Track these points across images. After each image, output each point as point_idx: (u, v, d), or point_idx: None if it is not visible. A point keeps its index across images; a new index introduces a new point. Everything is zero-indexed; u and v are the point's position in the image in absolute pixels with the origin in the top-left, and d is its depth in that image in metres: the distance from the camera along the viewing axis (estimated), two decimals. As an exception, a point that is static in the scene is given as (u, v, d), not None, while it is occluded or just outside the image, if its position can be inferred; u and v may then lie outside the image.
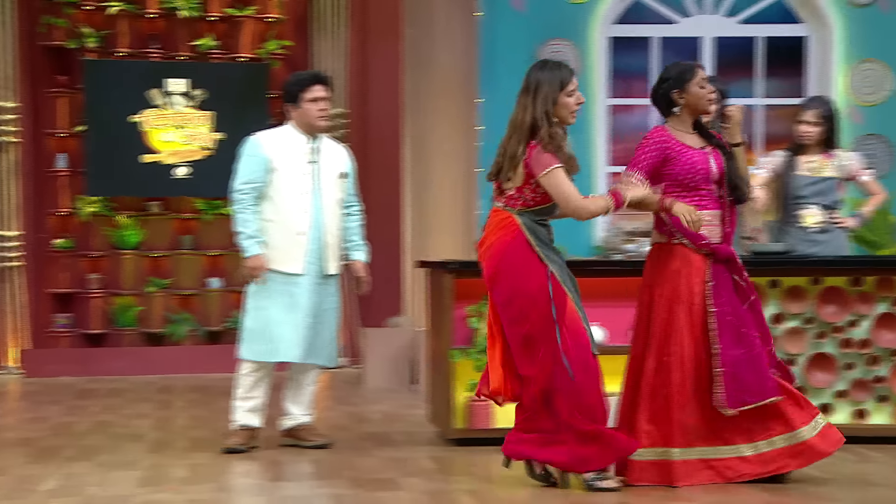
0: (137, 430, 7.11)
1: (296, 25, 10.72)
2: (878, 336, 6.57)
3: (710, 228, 5.44)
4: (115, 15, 10.38)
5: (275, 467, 5.88)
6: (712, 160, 5.49)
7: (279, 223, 6.28)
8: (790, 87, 10.54)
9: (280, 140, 6.38)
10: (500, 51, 10.12)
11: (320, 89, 6.36)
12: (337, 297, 6.51)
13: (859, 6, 10.36)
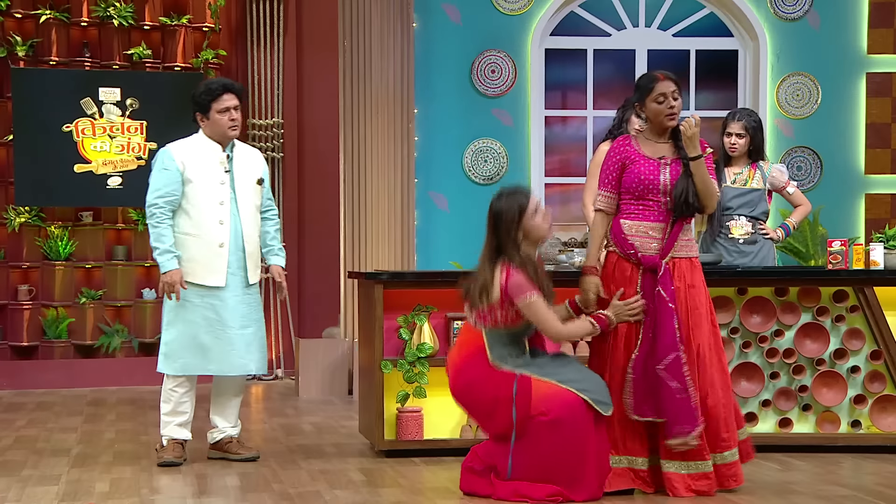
0: (63, 444, 7.02)
1: (231, 35, 10.68)
2: (801, 346, 6.64)
3: (654, 240, 5.47)
4: (45, 23, 10.28)
5: (200, 480, 5.82)
6: (666, 172, 5.49)
7: (198, 236, 6.22)
8: (722, 100, 10.62)
9: (193, 150, 6.30)
10: (436, 62, 10.12)
11: (230, 98, 6.30)
12: (260, 304, 6.48)
13: (789, 21, 10.46)
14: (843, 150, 10.54)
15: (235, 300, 6.25)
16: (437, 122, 10.09)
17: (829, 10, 10.49)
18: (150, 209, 6.21)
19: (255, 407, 8.85)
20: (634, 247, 5.46)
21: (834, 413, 6.68)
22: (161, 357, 6.28)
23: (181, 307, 6.20)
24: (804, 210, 7.61)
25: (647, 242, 5.47)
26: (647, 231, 5.48)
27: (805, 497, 5.43)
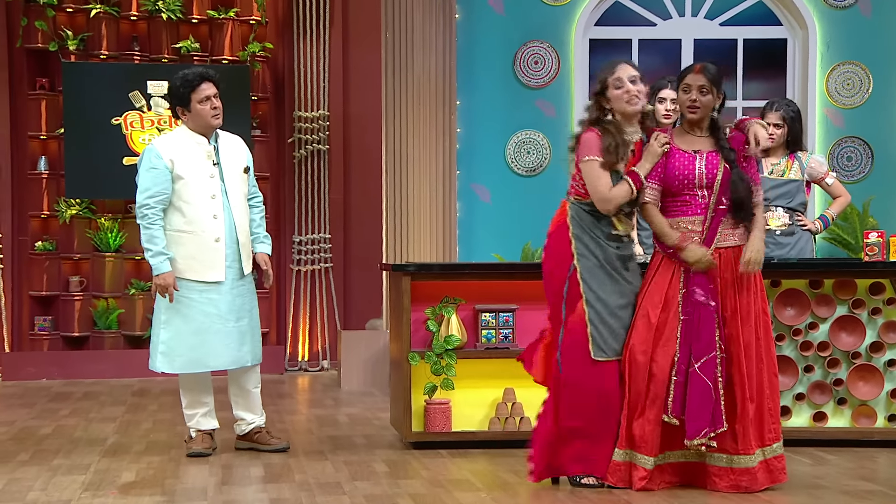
0: (100, 433, 7.08)
1: (278, 28, 10.70)
2: (836, 339, 6.53)
3: (695, 234, 5.37)
4: (96, 17, 10.37)
5: (225, 471, 5.84)
6: (702, 164, 5.37)
7: (193, 233, 6.16)
8: (771, 90, 10.48)
9: (179, 146, 6.21)
10: (478, 53, 10.11)
11: (209, 87, 6.20)
12: (254, 294, 6.42)
13: (839, 9, 10.29)
14: (894, 141, 10.35)
15: (232, 293, 6.22)
16: (479, 114, 10.06)
17: (881, -3, 10.31)
18: (140, 209, 6.13)
19: (296, 398, 8.88)
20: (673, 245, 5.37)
21: (870, 407, 6.56)
22: (159, 356, 6.21)
23: (179, 304, 6.14)
24: (843, 201, 7.49)
25: (689, 238, 5.36)
26: (687, 226, 5.38)
27: (830, 492, 5.33)
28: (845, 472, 5.79)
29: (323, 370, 10.46)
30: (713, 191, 5.34)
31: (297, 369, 10.40)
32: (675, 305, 5.33)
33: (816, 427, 6.54)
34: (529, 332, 6.41)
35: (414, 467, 5.90)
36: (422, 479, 5.61)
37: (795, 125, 7.30)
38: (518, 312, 6.48)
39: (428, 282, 6.46)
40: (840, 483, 5.53)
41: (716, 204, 5.34)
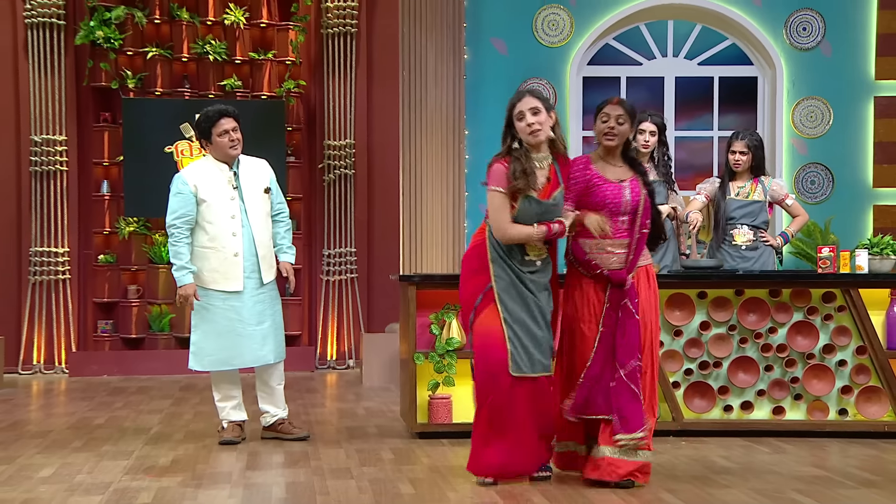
0: (146, 423, 7.08)
1: (310, 68, 10.72)
2: (793, 341, 6.48)
3: (613, 255, 5.11)
4: (152, 59, 10.42)
5: (251, 457, 5.82)
6: (627, 192, 5.12)
7: (215, 248, 6.19)
8: (743, 122, 10.42)
9: (203, 173, 6.26)
10: (484, 89, 10.08)
11: (227, 121, 6.22)
12: (277, 298, 6.40)
13: (803, 50, 10.23)
14: (852, 166, 10.30)
15: (252, 300, 6.22)
16: (485, 142, 9.98)
17: (840, 40, 10.25)
18: (169, 229, 6.19)
19: (322, 393, 8.86)
20: (600, 265, 5.09)
21: (823, 402, 6.50)
22: (191, 356, 6.27)
23: (206, 311, 6.19)
24: (802, 220, 7.44)
25: (607, 259, 5.10)
26: (606, 248, 5.10)
27: (782, 477, 5.27)
28: (799, 460, 5.73)
29: (348, 368, 10.45)
30: (636, 216, 5.11)
31: (326, 367, 10.39)
32: (598, 318, 5.08)
33: (775, 420, 6.48)
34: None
35: (417, 455, 5.86)
36: (422, 465, 5.58)
37: (759, 152, 7.25)
38: (511, 318, 6.44)
39: (431, 290, 6.43)
40: (792, 469, 5.47)
41: (640, 228, 5.12)
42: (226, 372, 6.26)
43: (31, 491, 5.01)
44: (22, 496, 4.91)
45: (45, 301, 10.23)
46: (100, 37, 10.22)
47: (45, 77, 10.22)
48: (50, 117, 10.23)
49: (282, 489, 5.02)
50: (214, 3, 10.53)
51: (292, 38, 10.55)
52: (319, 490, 4.96)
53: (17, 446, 6.22)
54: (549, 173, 5.06)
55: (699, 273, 6.57)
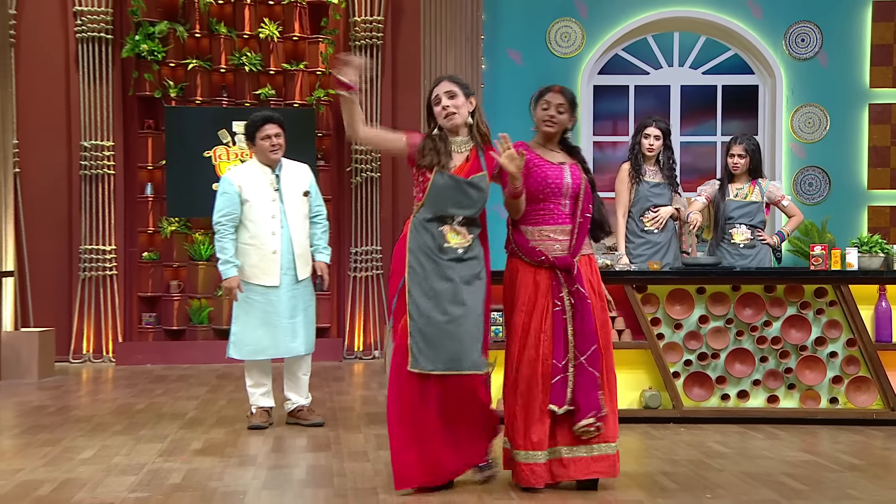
0: (182, 409, 7.11)
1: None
2: (787, 334, 6.43)
3: (556, 242, 4.66)
4: (192, 70, 10.46)
5: (276, 441, 5.85)
6: (568, 174, 4.67)
7: (255, 245, 6.23)
8: (745, 127, 10.35)
9: (247, 175, 6.29)
10: (500, 97, 10.06)
11: (271, 127, 6.26)
12: (312, 294, 6.41)
13: (802, 60, 10.15)
14: (848, 169, 10.21)
15: (287, 295, 6.25)
16: (501, 147, 10.01)
17: (837, 51, 10.17)
18: (215, 226, 6.24)
19: (348, 382, 8.86)
20: (543, 252, 4.64)
21: (815, 391, 6.45)
22: (230, 345, 6.32)
23: (246, 304, 6.23)
24: (797, 220, 7.38)
25: (550, 245, 4.65)
26: (549, 234, 4.66)
27: (772, 461, 5.25)
28: (790, 446, 5.69)
29: (374, 358, 10.45)
30: (577, 201, 4.68)
31: (353, 358, 10.40)
32: (546, 307, 4.61)
33: (770, 408, 6.44)
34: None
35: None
36: (436, 448, 5.57)
37: (756, 156, 7.21)
38: (521, 311, 6.43)
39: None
40: (784, 454, 5.44)
41: (582, 212, 4.68)
42: (259, 361, 6.30)
43: (72, 471, 5.05)
44: (63, 476, 4.95)
45: (93, 295, 10.29)
46: (144, 50, 10.27)
47: (94, 87, 10.28)
48: (98, 124, 10.29)
49: (302, 471, 5.03)
50: (250, 18, 10.56)
51: (322, 50, 10.56)
52: (337, 472, 4.98)
53: (62, 429, 6.27)
54: (470, 155, 4.65)
55: (698, 270, 6.54)
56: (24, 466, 5.18)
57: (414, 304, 4.50)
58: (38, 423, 6.51)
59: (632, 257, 7.18)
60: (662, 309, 6.45)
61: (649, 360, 6.46)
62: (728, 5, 10.19)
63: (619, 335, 6.46)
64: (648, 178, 7.25)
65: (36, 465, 5.22)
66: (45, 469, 5.11)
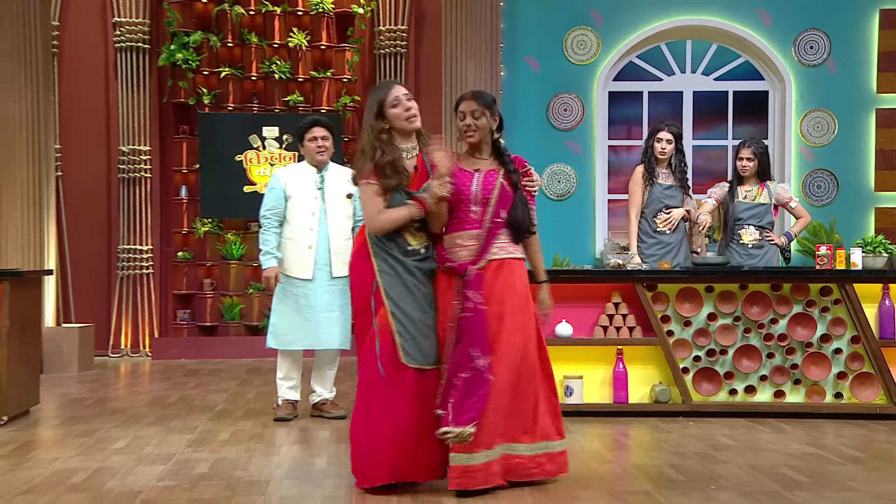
0: (213, 401, 7.12)
1: (364, 84, 10.74)
2: (793, 331, 6.37)
3: (464, 248, 4.44)
4: (225, 78, 10.50)
5: (301, 433, 5.85)
6: (478, 182, 4.45)
7: (293, 240, 6.26)
8: (756, 132, 10.26)
9: (294, 174, 6.35)
10: (519, 102, 10.04)
11: (317, 130, 6.31)
12: (345, 292, 6.19)
13: (810, 67, 10.06)
14: (855, 172, 10.11)
15: (322, 290, 6.24)
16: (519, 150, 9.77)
17: (844, 57, 10.07)
18: (261, 220, 6.30)
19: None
20: (450, 259, 4.44)
21: (820, 386, 6.39)
22: (269, 335, 6.34)
23: (283, 295, 6.27)
24: (804, 221, 7.32)
25: (458, 252, 4.43)
26: (456, 241, 4.44)
27: (776, 454, 5.19)
28: (796, 439, 5.63)
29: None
30: (488, 206, 4.42)
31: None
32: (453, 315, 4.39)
33: (777, 402, 6.38)
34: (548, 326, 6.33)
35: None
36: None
37: (764, 159, 7.15)
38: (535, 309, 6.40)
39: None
40: (788, 447, 5.38)
41: (492, 217, 4.43)
42: (290, 354, 6.32)
43: (105, 460, 5.07)
44: (96, 464, 4.98)
45: (131, 293, 10.35)
46: (179, 59, 10.32)
47: (131, 94, 10.34)
48: (136, 130, 10.35)
49: (324, 461, 5.03)
50: (280, 28, 10.59)
51: (348, 58, 10.58)
52: (356, 462, 4.97)
53: (98, 420, 6.31)
54: (417, 163, 4.53)
55: (707, 269, 6.49)
56: (61, 455, 5.21)
57: (395, 305, 4.38)
58: (75, 415, 6.55)
59: (644, 257, 7.14)
60: (672, 307, 6.41)
61: (659, 356, 6.42)
62: (739, 14, 10.11)
63: (631, 332, 6.42)
64: (661, 181, 7.20)
65: (71, 454, 5.25)
66: (79, 458, 5.14)
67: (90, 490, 4.47)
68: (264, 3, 10.53)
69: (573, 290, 6.44)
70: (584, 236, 10.06)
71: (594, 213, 10.09)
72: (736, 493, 4.36)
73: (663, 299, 6.42)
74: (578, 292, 6.46)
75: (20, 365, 6.40)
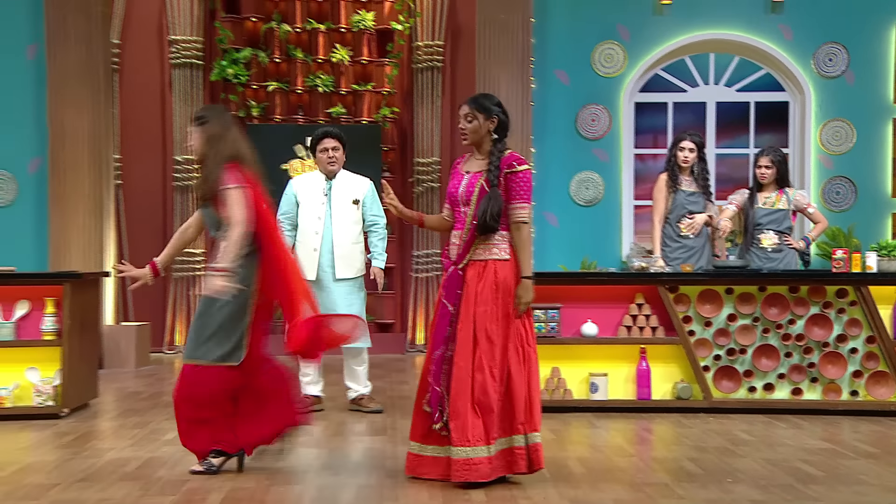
0: (258, 395, 7.17)
1: (402, 97, 10.76)
2: (810, 331, 6.30)
3: (455, 247, 4.44)
4: (272, 91, 10.57)
5: (337, 426, 5.87)
6: (464, 184, 4.43)
7: (301, 242, 6.33)
8: (777, 141, 10.14)
9: (306, 181, 6.43)
10: (549, 113, 10.00)
11: (328, 141, 6.34)
12: (354, 294, 6.34)
13: (829, 78, 9.94)
14: (873, 179, 9.95)
15: (328, 290, 6.27)
16: (549, 158, 9.97)
17: (862, 69, 9.93)
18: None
19: (410, 373, 8.85)
20: (446, 254, 4.49)
21: (837, 384, 6.31)
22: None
23: None
24: (822, 226, 7.24)
25: (453, 249, 4.44)
26: (451, 240, 4.47)
27: (792, 448, 5.14)
28: (812, 435, 5.57)
29: (435, 351, 10.44)
30: (470, 207, 4.39)
31: (415, 351, 10.42)
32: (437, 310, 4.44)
33: (794, 399, 6.31)
34: (571, 324, 6.33)
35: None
36: (483, 434, 5.54)
37: (782, 167, 7.08)
38: (562, 310, 6.39)
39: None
40: (804, 442, 5.32)
41: (472, 219, 4.37)
42: None
43: (155, 451, 5.12)
44: (146, 455, 5.03)
45: (184, 293, 10.45)
46: (230, 74, 10.41)
47: (185, 107, 10.43)
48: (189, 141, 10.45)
49: (359, 454, 5.05)
50: (324, 44, 10.64)
51: (388, 72, 10.61)
52: (390, 455, 4.98)
53: (151, 413, 6.37)
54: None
55: (726, 272, 6.43)
56: (116, 445, 5.27)
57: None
58: (131, 408, 6.62)
59: (668, 260, 7.10)
60: (693, 308, 6.36)
61: (681, 355, 6.37)
62: (761, 28, 10.01)
63: (653, 332, 6.38)
64: (684, 188, 7.17)
65: (125, 444, 5.31)
66: (132, 448, 5.19)
67: (141, 478, 4.52)
68: (310, 20, 10.60)
69: (599, 291, 6.42)
70: (611, 240, 10.01)
71: (621, 218, 10.04)
72: (752, 486, 4.32)
73: (685, 300, 6.38)
74: (604, 293, 6.43)
75: (80, 360, 6.49)
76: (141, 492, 4.27)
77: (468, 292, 4.33)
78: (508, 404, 4.29)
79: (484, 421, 4.23)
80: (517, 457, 4.32)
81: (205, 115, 4.70)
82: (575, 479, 4.45)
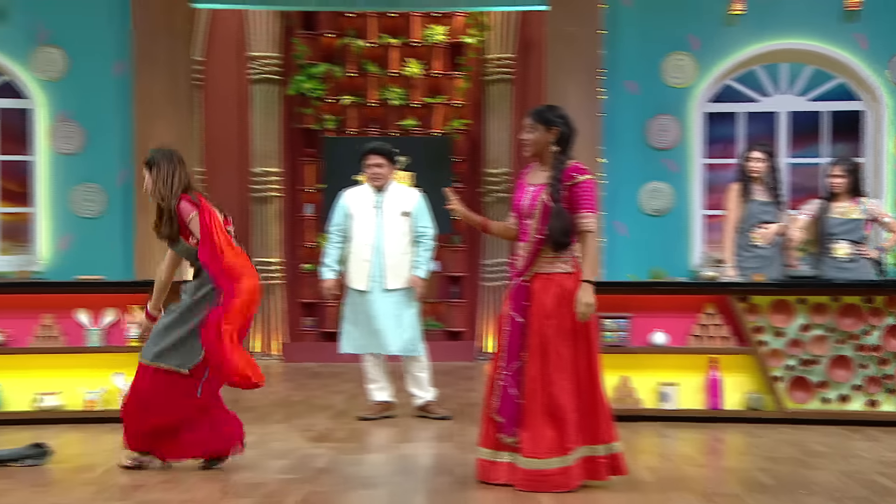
0: (332, 402, 7.20)
1: (474, 109, 10.75)
2: (887, 342, 6.13)
3: (520, 258, 4.43)
4: (346, 105, 10.66)
5: (405, 432, 5.88)
6: (528, 196, 4.40)
7: (353, 253, 6.39)
8: (850, 151, 9.88)
9: (358, 195, 6.50)
10: (619, 123, 9.87)
11: (373, 158, 6.41)
12: (404, 303, 6.39)
13: (905, 85, 9.67)
14: (950, 188, 9.64)
15: (378, 300, 6.32)
16: (619, 168, 9.84)
17: (939, 75, 9.63)
18: (328, 235, 6.48)
19: (478, 380, 8.78)
20: (513, 265, 4.49)
21: (914, 397, 6.11)
22: (342, 341, 6.52)
23: (350, 305, 6.42)
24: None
25: (519, 261, 4.44)
26: (517, 251, 4.46)
27: (868, 461, 4.99)
28: (889, 447, 5.41)
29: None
30: (534, 220, 4.36)
31: (484, 359, 10.36)
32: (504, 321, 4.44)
33: (871, 411, 6.12)
34: (641, 334, 6.24)
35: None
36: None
37: (855, 176, 6.92)
38: (632, 319, 6.30)
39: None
40: (881, 455, 5.17)
41: (535, 232, 4.36)
42: (370, 360, 6.42)
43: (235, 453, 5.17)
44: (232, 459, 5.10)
45: (263, 301, 10.52)
46: (306, 88, 10.52)
47: (264, 121, 10.58)
48: (267, 153, 10.59)
49: (428, 459, 5.05)
50: (396, 58, 10.70)
51: (459, 85, 10.62)
52: (459, 462, 4.96)
53: (229, 417, 6.44)
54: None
55: (797, 281, 6.28)
56: (195, 448, 5.33)
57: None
58: (210, 412, 6.69)
59: (741, 269, 6.97)
60: (765, 317, 6.22)
61: (752, 365, 6.23)
62: (836, 37, 9.77)
63: (724, 342, 6.25)
64: (757, 197, 7.06)
65: (205, 447, 5.36)
66: (211, 451, 5.24)
67: (221, 481, 4.58)
68: (383, 35, 10.67)
69: (668, 300, 6.32)
70: (682, 250, 9.85)
71: (691, 227, 9.88)
72: (826, 499, 4.19)
73: (756, 310, 6.24)
74: (673, 303, 6.32)
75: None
76: (220, 494, 4.32)
77: (535, 304, 4.32)
78: (584, 415, 4.28)
79: (557, 432, 4.22)
80: (599, 465, 4.31)
81: (153, 158, 4.96)
82: (645, 488, 4.38)
